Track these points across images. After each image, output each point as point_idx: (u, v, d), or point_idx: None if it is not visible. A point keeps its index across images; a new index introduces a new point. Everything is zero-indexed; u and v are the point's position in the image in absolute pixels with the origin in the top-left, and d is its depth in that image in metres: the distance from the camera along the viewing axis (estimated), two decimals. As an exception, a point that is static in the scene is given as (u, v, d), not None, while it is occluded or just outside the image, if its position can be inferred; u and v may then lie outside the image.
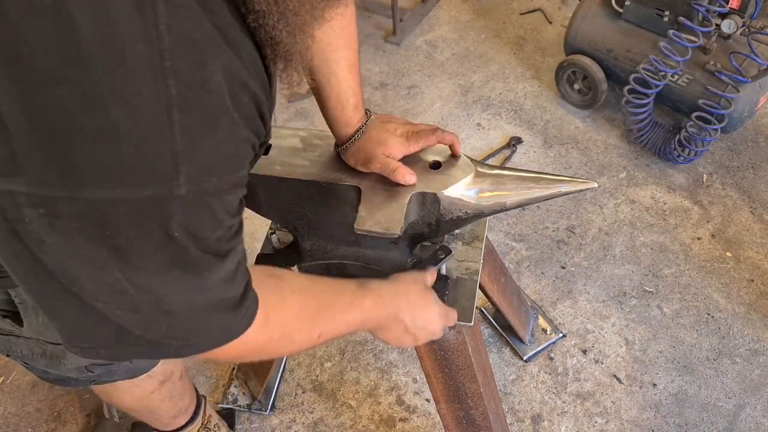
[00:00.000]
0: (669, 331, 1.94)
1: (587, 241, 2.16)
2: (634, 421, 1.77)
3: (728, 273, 2.06)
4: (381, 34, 2.94)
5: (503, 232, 2.19)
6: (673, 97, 2.26)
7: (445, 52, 2.84)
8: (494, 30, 2.93)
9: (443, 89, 2.69)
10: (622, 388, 1.83)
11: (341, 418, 1.81)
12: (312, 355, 1.93)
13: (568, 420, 1.78)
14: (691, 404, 1.80)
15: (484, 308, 1.97)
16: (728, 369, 1.86)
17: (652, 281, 2.05)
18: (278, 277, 0.87)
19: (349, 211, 1.12)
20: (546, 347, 1.91)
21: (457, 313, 1.17)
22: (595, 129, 2.49)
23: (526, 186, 1.11)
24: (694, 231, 2.17)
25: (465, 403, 1.37)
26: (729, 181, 2.30)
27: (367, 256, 1.21)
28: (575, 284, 2.05)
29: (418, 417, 1.80)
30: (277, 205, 1.20)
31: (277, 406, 1.84)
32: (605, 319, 1.97)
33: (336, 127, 1.13)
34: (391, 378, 1.88)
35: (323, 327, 0.91)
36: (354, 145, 1.10)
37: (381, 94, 2.69)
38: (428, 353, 1.30)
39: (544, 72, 2.72)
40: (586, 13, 2.40)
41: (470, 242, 1.31)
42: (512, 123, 2.54)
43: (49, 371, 1.18)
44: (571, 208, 2.24)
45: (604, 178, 2.33)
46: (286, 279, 0.89)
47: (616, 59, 2.35)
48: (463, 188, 1.09)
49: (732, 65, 2.09)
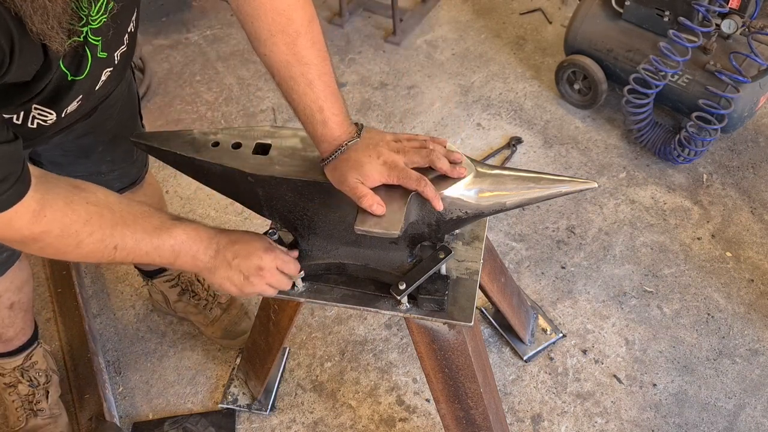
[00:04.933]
0: (669, 331, 1.94)
1: (587, 241, 2.16)
2: (634, 421, 1.77)
3: (728, 273, 2.06)
4: (381, 34, 2.95)
5: (503, 232, 2.19)
6: (673, 97, 2.26)
7: (445, 52, 2.84)
8: (494, 30, 2.93)
9: (443, 89, 2.69)
10: (622, 388, 1.83)
11: (341, 418, 1.81)
12: (312, 355, 1.93)
13: (568, 420, 1.78)
14: (691, 404, 1.80)
15: (484, 308, 1.97)
16: (728, 369, 1.86)
17: (652, 281, 2.05)
18: (80, 188, 1.01)
19: (349, 211, 1.12)
20: (546, 347, 1.91)
21: (295, 261, 1.20)
22: (595, 129, 2.49)
23: (526, 186, 1.11)
24: (694, 231, 2.17)
25: (465, 403, 1.37)
26: (729, 181, 2.30)
27: (367, 256, 1.22)
28: (575, 284, 2.05)
29: (418, 417, 1.81)
30: (277, 205, 1.20)
31: (277, 406, 1.84)
32: (605, 319, 1.97)
33: (316, 145, 1.12)
34: (391, 378, 1.88)
35: (120, 241, 1.03)
36: (332, 164, 1.08)
37: (381, 94, 2.69)
38: (428, 353, 1.30)
39: (544, 72, 2.72)
40: (586, 13, 2.40)
41: (470, 242, 1.31)
42: (512, 123, 2.54)
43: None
44: (571, 208, 2.24)
45: (604, 178, 2.33)
46: (89, 191, 1.01)
47: (616, 59, 2.35)
48: (463, 188, 1.09)
49: (732, 65, 2.09)
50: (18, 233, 0.94)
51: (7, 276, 1.46)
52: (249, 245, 1.15)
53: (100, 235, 1.01)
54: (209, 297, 1.93)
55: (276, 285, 1.19)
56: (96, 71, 1.08)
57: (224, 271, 1.14)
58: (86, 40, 0.99)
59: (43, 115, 1.07)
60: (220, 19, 3.07)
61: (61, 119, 1.12)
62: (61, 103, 1.07)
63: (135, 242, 1.05)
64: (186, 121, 2.63)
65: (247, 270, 1.14)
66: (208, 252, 1.12)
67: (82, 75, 1.04)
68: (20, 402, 1.72)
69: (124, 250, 1.04)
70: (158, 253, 1.08)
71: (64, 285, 2.06)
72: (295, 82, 1.07)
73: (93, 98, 1.17)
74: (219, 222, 2.27)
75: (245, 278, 1.15)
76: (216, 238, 1.14)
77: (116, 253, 1.04)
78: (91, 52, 1.02)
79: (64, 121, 1.14)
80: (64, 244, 0.99)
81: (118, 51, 1.13)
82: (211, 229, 1.14)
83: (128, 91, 1.45)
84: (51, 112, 1.08)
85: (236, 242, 1.15)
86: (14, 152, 0.90)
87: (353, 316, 2.00)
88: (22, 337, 1.68)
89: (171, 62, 2.87)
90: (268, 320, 1.54)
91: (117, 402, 1.86)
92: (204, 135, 1.21)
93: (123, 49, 1.15)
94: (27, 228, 0.94)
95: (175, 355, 1.96)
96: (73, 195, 0.99)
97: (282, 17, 1.06)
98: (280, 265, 1.17)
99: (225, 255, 1.13)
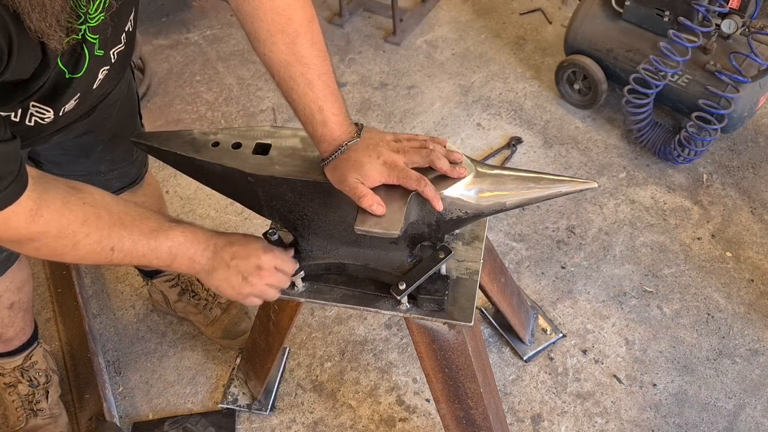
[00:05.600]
0: (669, 331, 1.94)
1: (587, 241, 2.16)
2: (634, 421, 1.77)
3: (728, 273, 2.06)
4: (381, 34, 2.95)
5: (503, 232, 2.19)
6: (673, 97, 2.26)
7: (445, 52, 2.84)
8: (494, 30, 2.93)
9: (443, 89, 2.69)
10: (622, 388, 1.83)
11: (341, 418, 1.81)
12: (312, 355, 1.93)
13: (568, 420, 1.78)
14: (691, 404, 1.80)
15: (484, 308, 1.97)
16: (728, 369, 1.86)
17: (652, 281, 2.05)
18: (77, 189, 1.01)
19: (349, 211, 1.12)
20: (546, 347, 1.91)
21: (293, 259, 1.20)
22: (595, 129, 2.49)
23: (526, 186, 1.11)
24: (694, 231, 2.17)
25: (465, 403, 1.37)
26: (729, 181, 2.30)
27: (367, 256, 1.22)
28: (575, 284, 2.05)
29: (418, 417, 1.81)
30: (277, 205, 1.20)
31: (277, 406, 1.84)
32: (605, 319, 1.97)
33: (316, 145, 1.12)
34: (391, 378, 1.88)
35: (117, 242, 1.03)
36: (332, 164, 1.08)
37: (381, 94, 2.69)
38: (428, 353, 1.30)
39: (544, 72, 2.72)
40: (586, 13, 2.40)
41: (470, 242, 1.31)
42: (512, 123, 2.54)
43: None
44: (571, 208, 2.24)
45: (604, 178, 2.33)
46: (86, 192, 1.01)
47: (616, 59, 2.35)
48: (463, 188, 1.09)
49: (732, 65, 2.09)
50: (15, 232, 0.94)
51: (6, 276, 1.46)
52: (247, 246, 1.16)
53: (97, 236, 1.01)
54: (209, 297, 1.93)
55: (275, 284, 1.19)
56: (93, 69, 1.09)
57: (222, 272, 1.14)
58: (84, 38, 1.00)
59: (41, 112, 1.07)
60: (220, 19, 3.07)
61: (59, 117, 1.12)
62: (59, 101, 1.07)
63: (132, 244, 1.05)
64: (186, 121, 2.63)
65: (245, 270, 1.14)
66: (205, 254, 1.12)
67: (80, 73, 1.04)
68: (20, 402, 1.72)
69: (121, 252, 1.04)
70: (155, 255, 1.08)
71: (64, 285, 2.06)
72: (295, 82, 1.07)
73: (91, 97, 1.17)
74: (219, 222, 2.27)
75: (244, 279, 1.14)
76: (213, 239, 1.14)
77: (113, 254, 1.04)
78: (88, 50, 1.02)
79: (61, 119, 1.14)
80: (61, 245, 0.99)
81: (115, 49, 1.13)
82: (208, 231, 1.14)
83: (128, 91, 1.45)
84: (48, 109, 1.08)
85: (234, 243, 1.15)
86: (12, 151, 0.90)
87: (353, 316, 2.00)
88: (22, 336, 1.68)
89: (171, 62, 2.87)
90: (268, 320, 1.54)
91: (117, 402, 1.86)
92: (204, 135, 1.21)
93: (120, 48, 1.15)
94: (24, 227, 0.94)
95: (175, 355, 1.96)
96: (71, 196, 0.99)
97: (281, 17, 1.06)
98: (278, 264, 1.18)
99: (223, 256, 1.13)
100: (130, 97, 1.47)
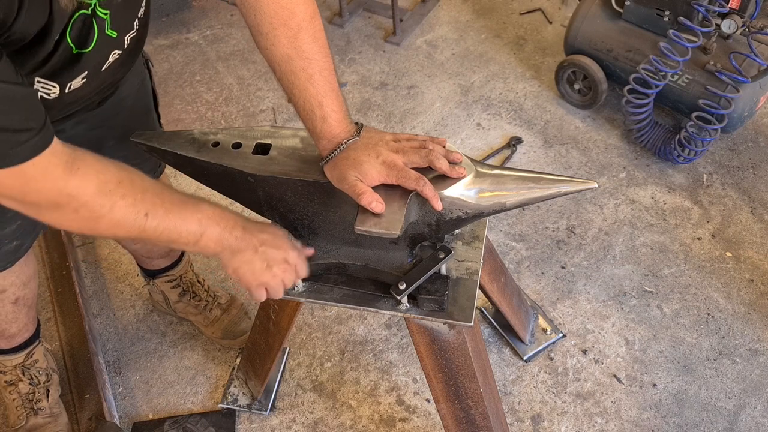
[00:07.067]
0: (669, 331, 1.94)
1: (587, 241, 2.16)
2: (634, 421, 1.77)
3: (728, 273, 2.06)
4: (381, 34, 2.95)
5: (503, 232, 2.19)
6: (673, 97, 2.26)
7: (445, 52, 2.84)
8: (494, 30, 2.93)
9: (443, 89, 2.69)
10: (622, 388, 1.83)
11: (341, 418, 1.81)
12: (312, 355, 1.93)
13: (568, 420, 1.78)
14: (691, 404, 1.80)
15: (484, 308, 1.97)
16: (728, 369, 1.86)
17: (652, 281, 2.05)
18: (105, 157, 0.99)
19: (349, 211, 1.12)
20: (546, 347, 1.91)
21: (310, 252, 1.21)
22: (595, 129, 2.49)
23: (526, 186, 1.11)
24: (694, 231, 2.17)
25: (465, 403, 1.37)
26: (729, 181, 2.30)
27: (367, 256, 1.22)
28: (575, 284, 2.05)
29: (418, 417, 1.81)
30: (277, 205, 1.20)
31: (277, 406, 1.84)
32: (605, 319, 1.97)
33: (315, 141, 1.12)
34: (391, 378, 1.88)
35: (150, 208, 0.99)
36: (331, 162, 1.08)
37: (381, 94, 2.69)
38: (428, 353, 1.30)
39: (544, 72, 2.72)
40: (586, 13, 2.40)
41: (470, 242, 1.31)
42: (512, 123, 2.54)
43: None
44: (571, 208, 2.24)
45: (604, 178, 2.33)
46: (115, 160, 1.00)
47: (616, 59, 2.35)
48: (463, 188, 1.09)
49: (732, 65, 2.09)
50: (54, 186, 0.91)
51: (13, 269, 1.45)
52: (276, 238, 1.15)
53: (133, 198, 0.97)
54: (209, 298, 1.93)
55: (289, 281, 1.18)
56: (103, 49, 1.08)
57: (248, 254, 1.12)
58: (94, 13, 1.00)
59: (46, 88, 1.05)
60: (220, 19, 3.07)
61: (65, 94, 1.10)
62: (64, 76, 1.06)
63: (165, 211, 1.01)
64: (186, 121, 2.63)
65: (272, 259, 1.13)
66: (234, 232, 1.10)
67: (88, 48, 1.03)
68: (20, 400, 1.72)
69: (155, 219, 1.00)
70: (186, 227, 1.04)
71: (64, 285, 2.06)
72: (296, 76, 1.07)
73: (98, 79, 1.16)
74: (219, 222, 2.26)
75: (267, 267, 1.13)
76: (242, 221, 1.12)
77: (147, 221, 0.99)
78: (98, 26, 1.02)
79: (68, 97, 1.11)
80: (98, 205, 0.95)
81: (128, 35, 1.13)
82: (235, 212, 1.13)
83: (141, 86, 1.44)
84: (54, 85, 1.06)
85: (264, 231, 1.14)
86: (33, 95, 0.89)
87: (353, 316, 2.00)
88: (25, 333, 1.67)
89: (171, 62, 2.87)
90: (268, 320, 1.54)
91: (117, 402, 1.86)
92: (204, 135, 1.21)
93: (133, 34, 1.15)
94: (63, 179, 0.90)
95: (175, 355, 1.96)
96: (103, 159, 0.97)
97: (284, 10, 1.06)
98: (299, 264, 1.17)
99: (251, 240, 1.11)
100: (144, 93, 1.47)
